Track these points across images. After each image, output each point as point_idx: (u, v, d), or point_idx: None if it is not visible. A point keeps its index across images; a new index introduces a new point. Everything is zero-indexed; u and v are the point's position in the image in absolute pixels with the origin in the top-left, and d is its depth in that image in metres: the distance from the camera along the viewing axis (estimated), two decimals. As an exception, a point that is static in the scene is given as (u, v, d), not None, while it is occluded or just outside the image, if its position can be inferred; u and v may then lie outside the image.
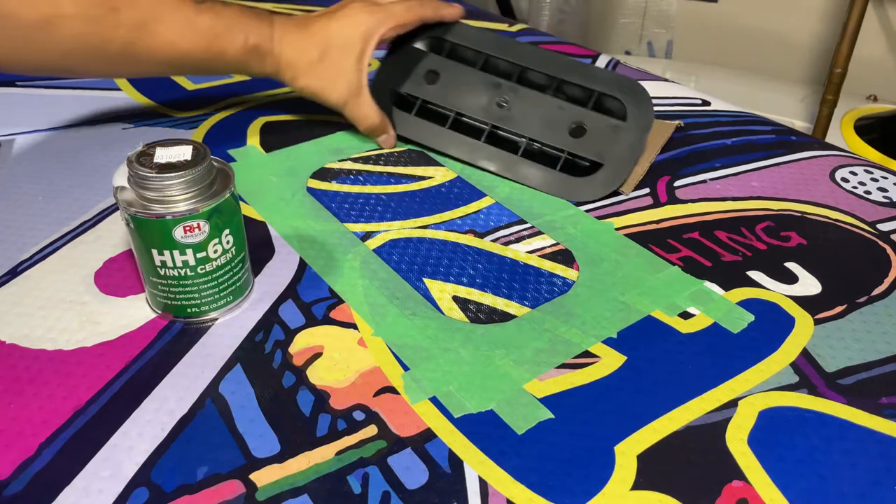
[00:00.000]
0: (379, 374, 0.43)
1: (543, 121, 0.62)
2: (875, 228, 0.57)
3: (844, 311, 0.48)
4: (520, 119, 0.63)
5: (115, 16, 0.52)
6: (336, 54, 0.60)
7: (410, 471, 0.37)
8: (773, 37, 1.81)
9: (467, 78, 0.65)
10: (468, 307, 0.48)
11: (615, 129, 0.60)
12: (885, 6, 1.64)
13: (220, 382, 0.42)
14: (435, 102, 0.66)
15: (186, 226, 0.42)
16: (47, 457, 0.37)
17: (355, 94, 0.62)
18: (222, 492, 0.36)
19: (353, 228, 0.55)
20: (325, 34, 0.60)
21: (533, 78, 0.64)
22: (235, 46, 0.57)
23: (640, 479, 0.37)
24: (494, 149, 0.63)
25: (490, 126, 0.63)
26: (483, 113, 0.64)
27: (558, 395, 0.42)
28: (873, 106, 1.55)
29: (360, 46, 0.60)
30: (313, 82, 0.61)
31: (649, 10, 1.98)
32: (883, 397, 0.42)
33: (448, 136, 0.64)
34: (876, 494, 0.37)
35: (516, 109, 0.63)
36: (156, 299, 0.46)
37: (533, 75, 0.63)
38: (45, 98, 0.73)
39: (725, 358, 0.44)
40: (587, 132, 0.61)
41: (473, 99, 0.64)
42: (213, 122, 0.70)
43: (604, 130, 0.60)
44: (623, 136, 0.60)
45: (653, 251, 0.53)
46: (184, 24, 0.54)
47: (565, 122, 0.61)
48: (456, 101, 0.65)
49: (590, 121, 0.61)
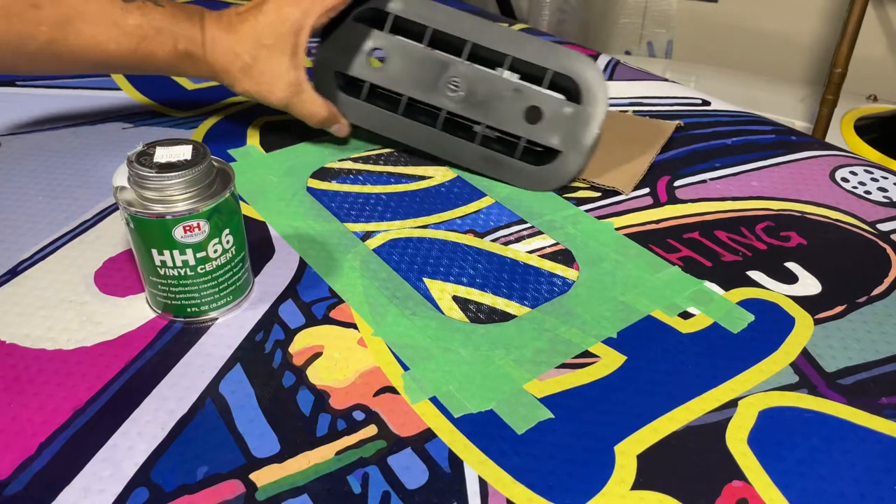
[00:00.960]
0: (379, 374, 0.43)
1: (498, 105, 0.60)
2: (875, 228, 0.57)
3: (844, 311, 0.48)
4: (474, 103, 0.60)
5: (37, 12, 0.50)
6: (268, 55, 0.57)
7: (410, 471, 0.37)
8: (773, 37, 1.81)
9: (414, 56, 0.61)
10: (468, 307, 0.48)
11: (572, 114, 0.58)
12: (885, 6, 1.64)
13: (220, 382, 0.42)
14: (383, 85, 0.62)
15: (186, 225, 0.42)
16: (47, 457, 0.37)
17: (296, 93, 0.59)
18: (222, 491, 0.36)
19: (353, 228, 0.55)
20: (255, 35, 0.57)
21: (483, 54, 0.60)
22: (165, 50, 0.55)
23: (640, 479, 0.37)
24: (451, 137, 0.61)
25: (445, 112, 0.61)
26: (434, 96, 0.61)
27: (558, 395, 0.42)
28: (873, 106, 1.55)
29: (291, 42, 0.57)
30: (252, 87, 0.58)
31: (649, 10, 1.98)
32: (883, 397, 0.42)
33: (401, 122, 0.62)
34: (876, 494, 0.37)
35: (469, 92, 0.60)
36: (156, 299, 0.46)
37: (483, 51, 0.60)
38: (45, 98, 0.73)
39: (725, 358, 0.44)
40: (543, 117, 0.59)
41: (422, 80, 0.61)
42: (213, 122, 0.70)
43: (560, 115, 0.59)
44: (581, 122, 0.58)
45: (653, 251, 0.53)
46: (109, 24, 0.53)
47: (520, 105, 0.59)
48: (404, 83, 0.61)
49: (545, 104, 0.59)
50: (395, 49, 0.61)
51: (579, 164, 0.59)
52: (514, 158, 0.60)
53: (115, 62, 0.55)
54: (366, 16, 0.62)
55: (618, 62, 0.86)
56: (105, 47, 0.53)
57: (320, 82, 0.63)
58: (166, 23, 0.55)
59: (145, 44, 0.54)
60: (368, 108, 0.63)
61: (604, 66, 0.85)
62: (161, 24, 0.55)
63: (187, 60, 0.57)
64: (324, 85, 0.63)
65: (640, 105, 0.75)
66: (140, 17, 0.54)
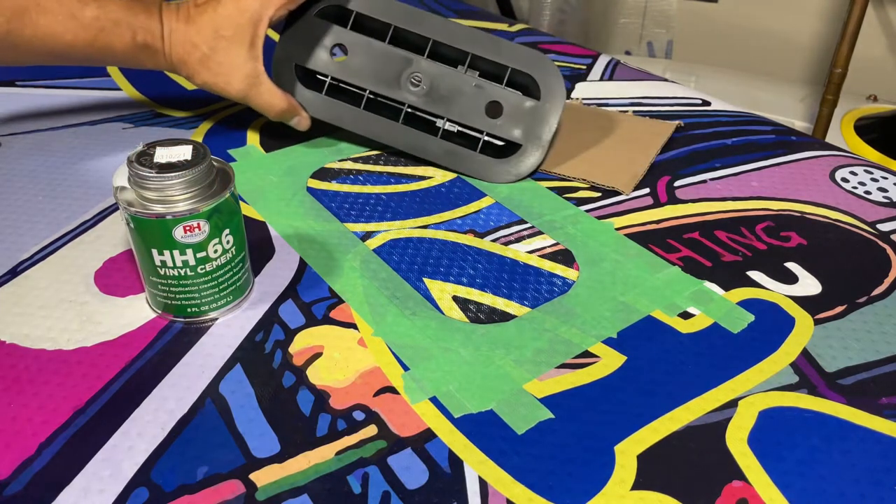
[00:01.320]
0: (379, 374, 0.43)
1: (460, 100, 0.61)
2: (875, 228, 0.57)
3: (844, 312, 0.48)
4: (436, 98, 0.61)
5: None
6: (226, 46, 0.57)
7: (410, 471, 0.37)
8: (773, 37, 1.81)
9: (376, 52, 0.61)
10: (468, 307, 0.48)
11: (531, 109, 0.60)
12: (885, 6, 1.64)
13: (220, 382, 0.42)
14: (344, 79, 0.63)
15: (186, 226, 0.42)
16: (47, 457, 0.37)
17: (254, 84, 0.59)
18: (222, 491, 0.36)
19: (353, 228, 0.55)
20: (212, 26, 0.57)
21: (444, 52, 0.61)
22: (123, 42, 0.56)
23: (640, 479, 0.37)
24: (413, 130, 0.62)
25: (406, 107, 0.62)
26: (396, 91, 0.62)
27: (558, 395, 0.42)
28: (873, 106, 1.55)
29: (249, 33, 0.57)
30: (210, 78, 0.58)
31: (649, 10, 1.98)
32: (883, 397, 0.42)
33: (363, 116, 0.62)
34: (876, 494, 0.37)
35: (431, 87, 0.61)
36: (156, 299, 0.46)
37: (444, 49, 0.61)
38: (45, 98, 0.73)
39: (725, 358, 0.44)
40: (503, 112, 0.61)
41: (385, 75, 0.62)
42: (213, 122, 0.70)
43: (519, 109, 0.60)
44: (539, 117, 0.60)
45: (653, 251, 0.53)
46: (66, 16, 0.53)
47: (481, 100, 0.61)
48: (366, 78, 0.62)
49: (505, 99, 0.60)
50: (356, 45, 0.62)
51: (539, 156, 0.61)
52: (476, 152, 0.61)
53: (72, 53, 0.55)
54: (328, 12, 0.62)
55: (618, 62, 0.86)
56: (62, 39, 0.54)
57: (280, 75, 0.63)
58: (123, 14, 0.55)
59: (102, 35, 0.55)
60: (330, 102, 0.63)
61: (604, 66, 0.85)
62: (118, 16, 0.55)
63: (145, 52, 0.57)
64: (284, 78, 0.63)
65: (639, 105, 0.75)
66: (97, 9, 0.54)
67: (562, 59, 0.86)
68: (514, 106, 0.60)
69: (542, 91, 0.60)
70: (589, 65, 0.85)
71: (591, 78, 0.81)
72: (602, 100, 0.76)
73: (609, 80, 0.81)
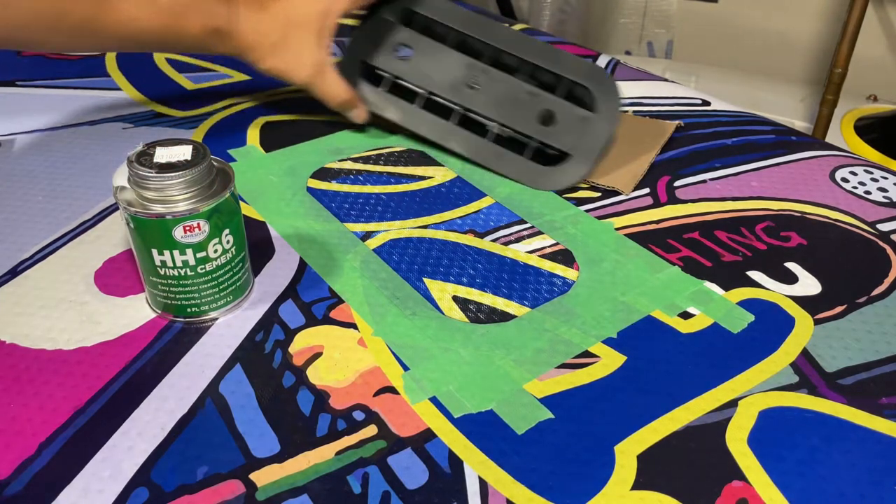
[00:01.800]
0: (379, 374, 0.43)
1: (514, 106, 0.62)
2: (875, 228, 0.57)
3: (844, 312, 0.48)
4: (490, 102, 0.62)
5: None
6: (297, 34, 0.59)
7: (410, 471, 0.37)
8: (773, 37, 1.81)
9: (439, 56, 0.64)
10: (468, 307, 0.48)
11: (584, 120, 0.60)
12: (885, 6, 1.64)
13: (219, 382, 0.42)
14: (406, 78, 0.65)
15: (186, 225, 0.42)
16: (47, 457, 0.37)
17: (320, 73, 0.61)
18: (222, 491, 0.36)
19: (353, 228, 0.55)
20: (285, 13, 0.59)
21: (505, 60, 0.63)
22: (196, 26, 0.57)
23: (640, 479, 0.37)
24: (465, 131, 0.63)
25: (461, 108, 0.63)
26: (453, 93, 0.63)
27: (558, 395, 0.42)
28: (873, 106, 1.55)
29: (319, 23, 0.59)
30: (278, 64, 0.60)
31: (649, 10, 1.98)
32: (883, 397, 0.42)
33: (418, 114, 0.64)
34: (876, 494, 0.37)
35: (487, 92, 0.63)
36: (156, 299, 0.46)
37: (505, 58, 0.62)
38: (45, 98, 0.73)
39: (725, 358, 0.44)
40: (557, 121, 0.61)
41: (444, 78, 0.63)
42: (213, 122, 0.70)
43: (573, 120, 0.61)
44: (592, 129, 0.60)
45: (653, 251, 0.53)
46: (145, 1, 0.54)
47: (535, 108, 0.61)
48: (427, 79, 0.64)
49: (559, 109, 0.61)
50: (421, 46, 0.64)
51: (587, 168, 0.60)
52: (525, 157, 0.61)
53: (147, 39, 0.56)
54: (396, 12, 0.65)
55: (618, 62, 0.86)
56: (139, 24, 0.54)
57: (346, 68, 0.65)
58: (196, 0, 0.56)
59: (178, 21, 0.56)
60: (387, 98, 0.65)
61: (604, 65, 0.85)
62: (192, 1, 0.56)
63: (216, 36, 0.58)
64: (349, 70, 0.65)
65: (640, 105, 0.75)
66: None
67: (562, 59, 0.86)
68: (568, 116, 0.61)
69: (598, 104, 0.60)
70: (589, 65, 0.85)
71: (591, 78, 0.81)
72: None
73: (609, 80, 0.81)
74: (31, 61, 0.81)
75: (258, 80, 0.78)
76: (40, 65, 0.80)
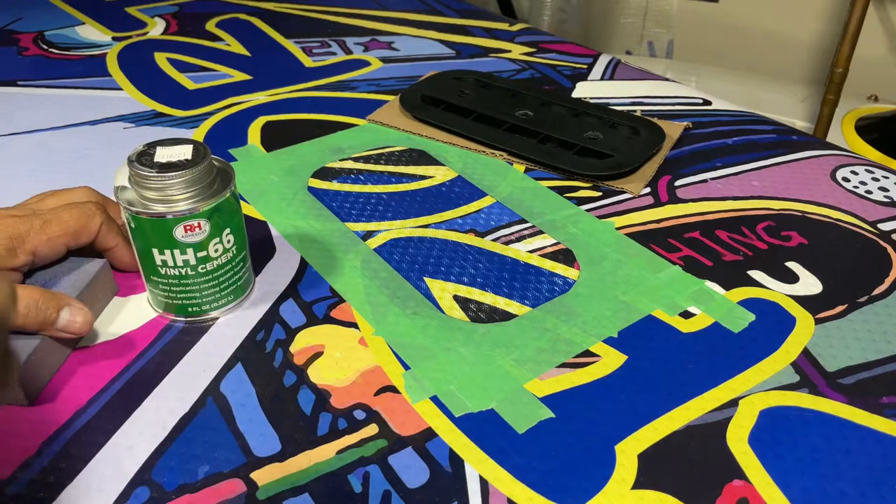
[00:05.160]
0: (380, 374, 0.43)
1: (562, 125, 0.67)
2: (876, 228, 0.57)
3: (845, 311, 0.48)
4: (539, 124, 0.67)
5: None
6: None
7: (411, 470, 0.37)
8: (773, 37, 1.81)
9: (495, 97, 0.71)
10: (469, 306, 0.48)
11: (628, 138, 0.65)
12: (886, 6, 1.64)
13: (220, 381, 0.42)
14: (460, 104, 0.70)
15: (187, 225, 0.42)
16: (48, 457, 0.37)
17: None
18: (223, 491, 0.36)
19: (353, 228, 0.55)
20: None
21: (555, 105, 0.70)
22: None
23: (640, 479, 0.37)
24: (512, 134, 0.66)
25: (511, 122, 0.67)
26: (505, 117, 0.68)
27: (559, 394, 0.42)
28: (874, 106, 1.55)
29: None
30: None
31: (650, 9, 1.98)
32: (883, 397, 0.42)
33: (470, 124, 0.68)
34: (876, 494, 0.37)
35: (536, 117, 0.68)
36: (157, 299, 0.46)
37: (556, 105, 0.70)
38: (45, 98, 0.73)
39: (726, 357, 0.44)
40: (602, 139, 0.65)
41: (497, 107, 0.69)
42: (214, 122, 0.70)
43: (618, 138, 0.65)
44: (636, 142, 0.64)
45: (653, 251, 0.53)
46: None
47: (582, 130, 0.66)
48: (481, 106, 0.69)
49: (605, 133, 0.66)
50: (479, 92, 0.73)
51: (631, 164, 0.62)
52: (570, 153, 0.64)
53: None
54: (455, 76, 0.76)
55: (618, 62, 0.86)
56: None
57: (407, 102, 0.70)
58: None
59: None
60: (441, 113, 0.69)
61: (605, 65, 0.85)
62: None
63: None
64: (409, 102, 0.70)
65: (640, 105, 0.75)
66: None
67: (562, 58, 0.86)
68: (613, 135, 0.65)
69: (643, 133, 0.65)
70: (590, 64, 0.85)
71: (591, 78, 0.82)
72: (603, 100, 0.76)
73: (610, 80, 0.81)
74: (32, 61, 0.81)
75: (259, 79, 0.78)
76: (41, 65, 0.80)
